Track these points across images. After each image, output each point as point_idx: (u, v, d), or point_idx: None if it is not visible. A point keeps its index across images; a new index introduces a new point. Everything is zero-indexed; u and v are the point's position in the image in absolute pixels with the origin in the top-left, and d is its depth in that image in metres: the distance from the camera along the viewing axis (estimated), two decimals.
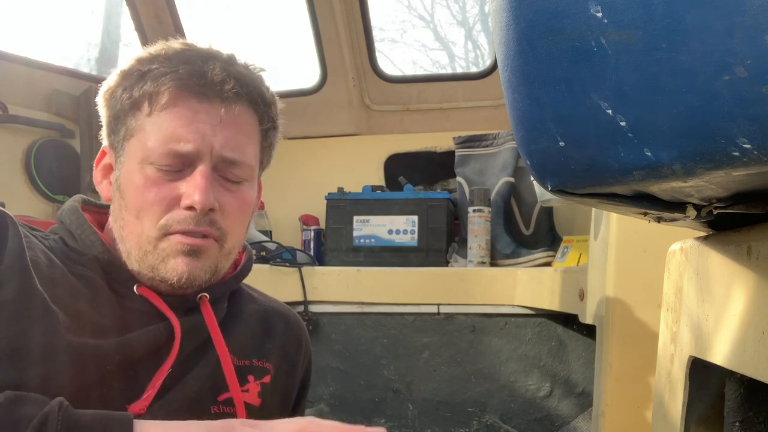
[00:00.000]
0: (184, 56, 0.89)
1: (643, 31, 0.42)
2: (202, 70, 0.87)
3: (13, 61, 2.39)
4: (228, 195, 0.90)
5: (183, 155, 0.86)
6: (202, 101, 0.87)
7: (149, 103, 0.87)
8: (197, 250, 0.87)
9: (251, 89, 0.91)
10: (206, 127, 0.87)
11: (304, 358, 1.10)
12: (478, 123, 2.63)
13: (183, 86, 0.86)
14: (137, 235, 0.88)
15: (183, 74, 0.86)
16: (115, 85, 0.91)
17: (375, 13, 5.33)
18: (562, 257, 2.04)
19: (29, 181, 2.40)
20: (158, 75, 0.87)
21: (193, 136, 0.86)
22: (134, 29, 2.72)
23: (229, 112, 0.88)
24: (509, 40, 0.51)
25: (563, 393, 1.99)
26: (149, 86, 0.87)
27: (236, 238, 0.93)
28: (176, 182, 0.87)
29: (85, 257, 0.89)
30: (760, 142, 0.40)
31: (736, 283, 0.66)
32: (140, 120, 0.88)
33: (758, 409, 0.77)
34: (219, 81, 0.87)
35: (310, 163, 2.70)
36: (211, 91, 0.87)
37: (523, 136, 0.54)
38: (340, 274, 2.22)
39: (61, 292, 0.83)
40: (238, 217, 0.92)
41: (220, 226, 0.89)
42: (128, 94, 0.89)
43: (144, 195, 0.87)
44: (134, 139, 0.89)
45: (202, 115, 0.87)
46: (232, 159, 0.89)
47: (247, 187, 0.93)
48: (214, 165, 0.88)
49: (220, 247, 0.90)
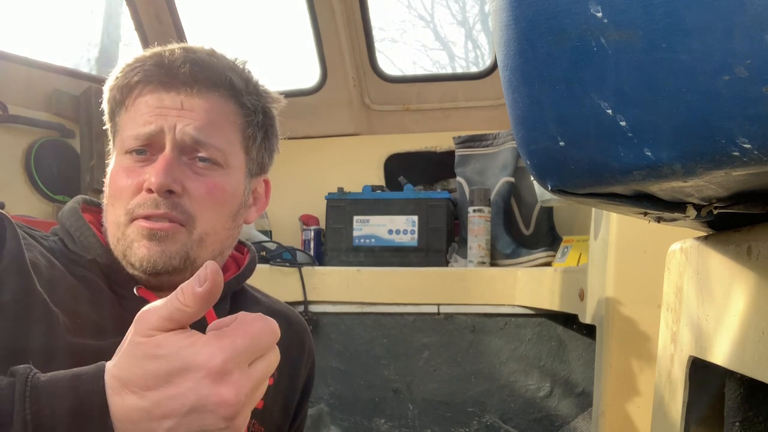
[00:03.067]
0: (154, 52, 0.92)
1: (643, 31, 0.42)
2: (162, 58, 0.91)
3: (13, 61, 2.39)
4: (196, 179, 0.89)
5: (148, 137, 0.88)
6: (168, 89, 0.90)
7: (125, 99, 0.92)
8: (158, 234, 0.87)
9: (212, 73, 0.92)
10: (170, 111, 0.89)
11: (308, 361, 1.09)
12: (478, 123, 2.63)
13: (148, 77, 0.90)
14: (113, 223, 0.90)
15: (148, 66, 0.90)
16: (107, 90, 0.95)
17: (375, 13, 5.34)
18: (562, 257, 2.04)
19: (29, 181, 2.40)
20: (129, 71, 0.91)
21: (155, 118, 0.89)
22: (134, 29, 2.72)
23: (191, 95, 0.90)
24: (509, 40, 0.51)
25: (563, 393, 1.99)
26: (122, 80, 0.92)
27: (208, 224, 0.91)
28: (144, 168, 0.89)
29: (84, 259, 0.89)
30: (760, 142, 0.40)
31: (736, 283, 0.66)
32: (121, 116, 0.93)
33: (758, 409, 0.77)
34: (177, 65, 0.90)
35: (310, 163, 2.70)
36: (173, 77, 0.90)
37: (523, 136, 0.54)
38: (340, 274, 2.22)
39: (61, 293, 0.82)
40: (207, 201, 0.90)
41: (185, 210, 0.88)
42: (112, 94, 0.93)
43: (117, 182, 0.89)
44: (118, 135, 0.93)
45: (166, 101, 0.90)
46: (196, 138, 0.89)
47: (221, 173, 0.92)
48: (180, 149, 0.89)
49: (189, 232, 0.89)
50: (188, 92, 0.90)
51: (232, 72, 0.94)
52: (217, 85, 0.92)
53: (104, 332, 0.84)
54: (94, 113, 2.48)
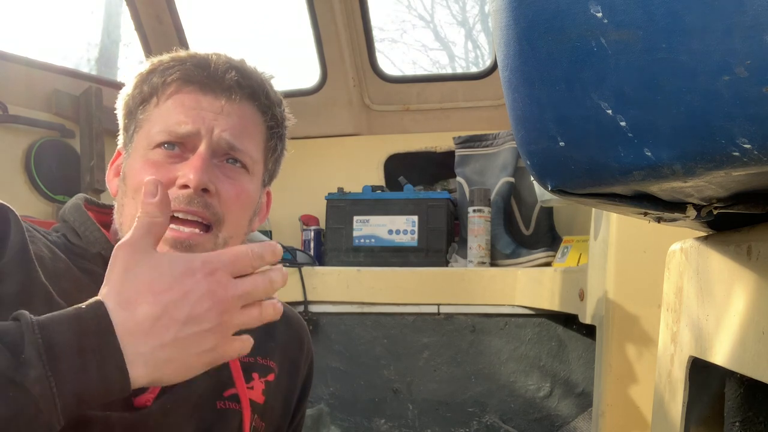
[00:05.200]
0: (194, 56, 0.93)
1: (643, 31, 0.42)
2: (206, 62, 0.91)
3: (13, 61, 2.39)
4: (226, 181, 0.90)
5: (182, 136, 0.88)
6: (206, 92, 0.90)
7: (156, 95, 0.91)
8: (185, 242, 0.86)
9: (253, 82, 0.94)
10: (207, 114, 0.90)
11: (306, 359, 1.10)
12: (478, 123, 2.63)
13: (188, 77, 0.90)
14: (132, 217, 0.88)
15: (189, 66, 0.91)
16: (130, 87, 0.94)
17: (375, 13, 5.34)
18: (562, 257, 2.04)
19: (29, 181, 2.40)
20: (166, 68, 0.91)
21: (192, 119, 0.89)
22: (134, 29, 2.73)
23: (231, 102, 0.91)
24: (509, 40, 0.51)
25: (563, 393, 1.99)
26: (157, 79, 0.91)
27: (232, 227, 0.91)
28: (175, 165, 0.88)
29: (89, 253, 0.89)
30: (760, 142, 0.40)
31: (736, 283, 0.66)
32: (148, 112, 0.92)
33: (758, 409, 0.77)
34: (222, 71, 0.91)
35: (310, 163, 2.70)
36: (215, 81, 0.90)
37: (523, 136, 0.54)
38: (340, 274, 2.23)
39: (66, 285, 0.83)
40: (235, 204, 0.91)
41: (216, 211, 0.88)
42: (138, 90, 0.93)
43: (142, 175, 0.87)
44: (142, 130, 0.92)
45: (204, 103, 0.90)
46: (232, 144, 0.90)
47: (248, 179, 0.93)
48: (213, 150, 0.89)
49: (215, 236, 0.89)
50: (229, 98, 0.91)
51: (267, 84, 0.97)
52: (255, 95, 0.94)
53: None
54: (94, 113, 2.48)
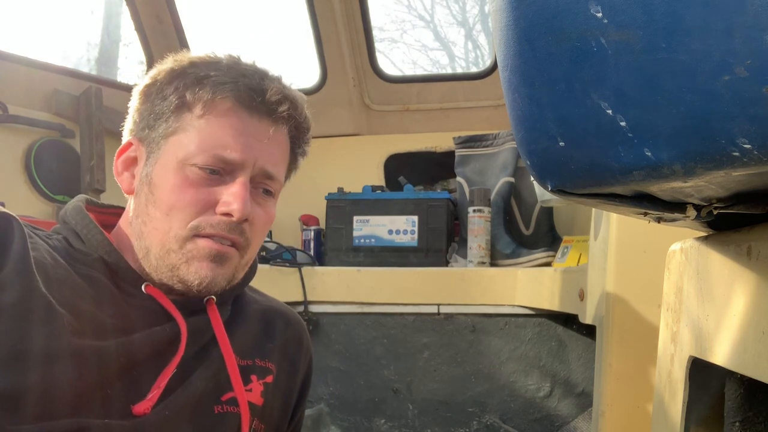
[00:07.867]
0: (241, 69, 0.92)
1: (643, 31, 0.42)
2: (261, 87, 0.90)
3: (13, 61, 2.39)
4: (258, 208, 0.92)
5: (227, 162, 0.88)
6: (253, 116, 0.90)
7: (203, 107, 0.89)
8: (223, 256, 0.89)
9: (300, 113, 0.95)
10: (254, 141, 0.90)
11: (305, 358, 1.10)
12: (478, 123, 2.63)
13: (240, 99, 0.89)
14: (163, 232, 0.88)
15: (242, 87, 0.89)
16: (164, 82, 0.91)
17: (375, 13, 5.33)
18: (562, 257, 2.04)
19: (29, 181, 2.39)
20: (218, 83, 0.89)
21: (241, 147, 0.89)
22: (134, 29, 2.73)
23: (278, 131, 0.93)
24: (509, 40, 0.51)
25: (563, 393, 1.99)
26: (207, 92, 0.89)
27: (255, 250, 0.96)
28: (215, 187, 0.89)
29: (90, 257, 0.89)
30: (760, 142, 0.40)
31: (736, 283, 0.66)
32: (187, 121, 0.89)
33: (758, 409, 0.77)
34: (275, 101, 0.91)
35: (310, 163, 2.67)
36: (266, 108, 0.91)
37: (523, 136, 0.54)
38: (340, 274, 2.23)
39: (66, 292, 0.83)
40: (262, 230, 0.95)
41: (247, 237, 0.91)
42: (180, 94, 0.90)
43: (179, 194, 0.88)
44: (175, 137, 0.90)
45: (251, 129, 0.90)
46: (270, 174, 0.92)
47: (273, 203, 0.97)
48: (252, 177, 0.91)
49: (241, 257, 0.92)
50: (277, 129, 0.92)
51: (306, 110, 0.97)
52: (297, 126, 0.96)
53: (108, 331, 0.84)
54: (94, 113, 2.48)
